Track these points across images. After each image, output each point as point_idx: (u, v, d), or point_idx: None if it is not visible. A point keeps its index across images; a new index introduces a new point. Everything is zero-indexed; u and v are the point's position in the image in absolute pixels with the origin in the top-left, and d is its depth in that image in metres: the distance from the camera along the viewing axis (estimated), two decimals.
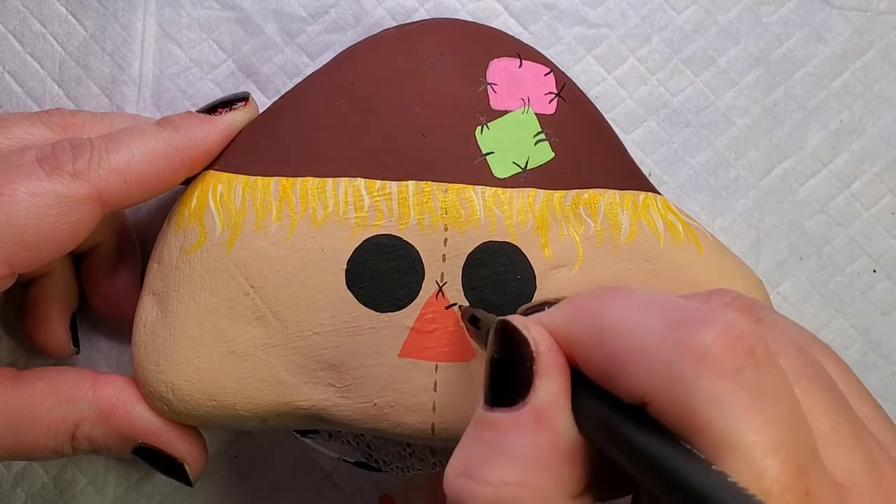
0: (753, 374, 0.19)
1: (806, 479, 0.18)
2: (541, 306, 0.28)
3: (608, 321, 0.21)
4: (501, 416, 0.22)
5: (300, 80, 0.34)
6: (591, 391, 0.22)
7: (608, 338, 0.21)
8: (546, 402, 0.22)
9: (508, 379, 0.23)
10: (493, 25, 0.36)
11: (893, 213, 0.39)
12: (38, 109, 0.37)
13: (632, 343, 0.20)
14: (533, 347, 0.22)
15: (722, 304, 0.24)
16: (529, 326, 0.23)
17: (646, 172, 0.36)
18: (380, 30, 0.35)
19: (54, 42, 0.38)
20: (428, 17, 0.38)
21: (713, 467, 0.18)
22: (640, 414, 0.20)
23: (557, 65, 0.34)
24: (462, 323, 0.31)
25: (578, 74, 0.38)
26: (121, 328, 0.37)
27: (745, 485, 0.17)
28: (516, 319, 0.23)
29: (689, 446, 0.18)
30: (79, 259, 0.37)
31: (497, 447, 0.22)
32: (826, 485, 0.19)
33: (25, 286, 0.36)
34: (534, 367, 0.22)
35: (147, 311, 0.33)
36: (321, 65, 0.34)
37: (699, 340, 0.19)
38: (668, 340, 0.19)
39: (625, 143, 0.35)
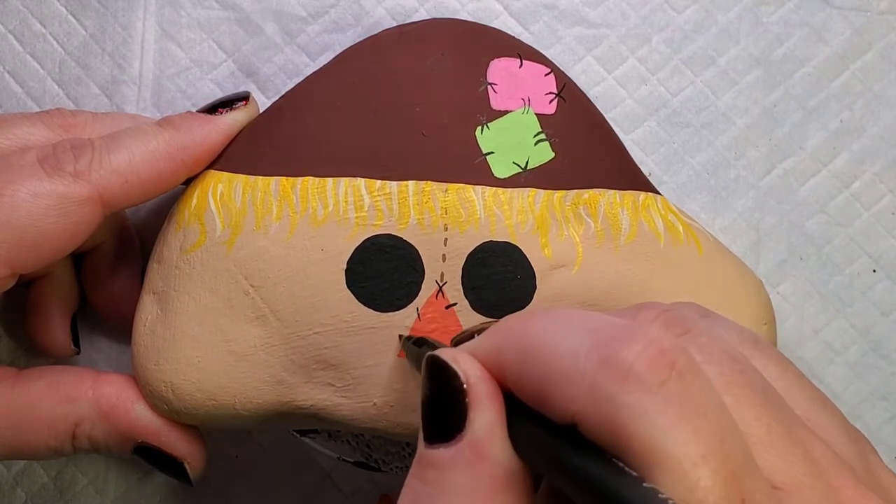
0: (677, 387, 0.19)
1: (740, 486, 0.18)
2: (471, 335, 0.28)
3: (535, 343, 0.21)
4: (440, 452, 0.22)
5: (300, 80, 0.35)
6: (525, 415, 0.21)
7: (536, 360, 0.21)
8: (482, 435, 0.21)
9: (443, 414, 0.22)
10: (493, 25, 0.36)
11: (893, 213, 0.39)
12: (38, 109, 0.37)
13: (558, 364, 0.20)
14: (463, 379, 0.22)
15: (649, 319, 0.24)
16: (458, 359, 0.23)
17: (646, 172, 0.36)
18: (380, 30, 0.35)
19: (54, 42, 0.38)
20: (428, 17, 0.38)
21: (644, 484, 0.18)
22: (573, 435, 0.20)
23: (557, 65, 0.35)
24: (403, 350, 0.31)
25: (578, 74, 0.38)
26: (121, 328, 0.37)
27: (678, 499, 0.17)
28: (444, 353, 0.23)
29: (620, 464, 0.18)
30: (79, 259, 0.37)
31: (439, 485, 0.21)
32: (763, 490, 0.19)
33: (26, 286, 0.36)
34: (466, 400, 0.22)
35: (147, 311, 0.33)
36: (321, 65, 0.35)
37: (622, 357, 0.19)
38: (592, 359, 0.19)
39: (625, 143, 0.35)
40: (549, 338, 0.21)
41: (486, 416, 0.22)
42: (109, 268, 0.37)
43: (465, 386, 0.22)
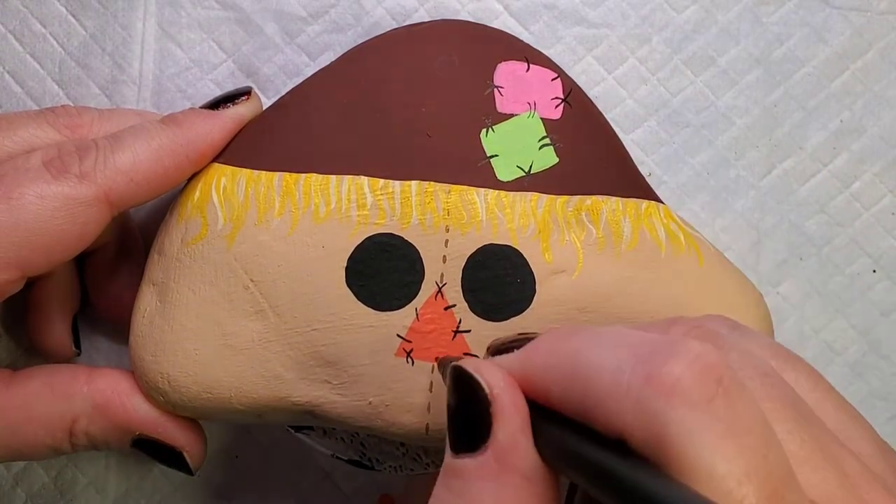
0: (724, 403, 0.19)
1: (782, 502, 0.18)
2: (509, 347, 0.28)
3: (577, 360, 0.22)
4: (465, 462, 0.22)
5: (300, 80, 0.35)
6: (556, 425, 0.22)
7: (580, 377, 0.21)
8: (506, 445, 0.22)
9: (468, 424, 0.23)
10: (492, 25, 0.37)
11: (893, 213, 0.39)
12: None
13: (603, 380, 0.20)
14: (487, 391, 0.23)
15: (681, 333, 0.25)
16: (482, 370, 0.23)
17: (646, 172, 0.37)
18: (380, 30, 0.35)
19: (54, 42, 0.39)
20: (428, 18, 0.38)
21: (692, 490, 0.18)
22: (619, 447, 0.20)
23: (557, 64, 0.35)
24: (440, 370, 0.32)
25: (578, 74, 0.39)
26: (122, 330, 0.37)
27: None
28: (468, 363, 0.24)
29: (672, 478, 0.19)
30: (81, 260, 0.37)
31: (465, 495, 0.22)
32: None
33: (27, 287, 0.36)
34: (490, 410, 0.22)
35: (146, 302, 0.33)
36: (321, 65, 0.35)
37: (667, 373, 0.19)
38: (637, 375, 0.20)
39: (625, 143, 0.36)
40: (591, 354, 0.21)
41: (509, 427, 0.22)
42: (113, 269, 0.37)
43: (488, 397, 0.23)
